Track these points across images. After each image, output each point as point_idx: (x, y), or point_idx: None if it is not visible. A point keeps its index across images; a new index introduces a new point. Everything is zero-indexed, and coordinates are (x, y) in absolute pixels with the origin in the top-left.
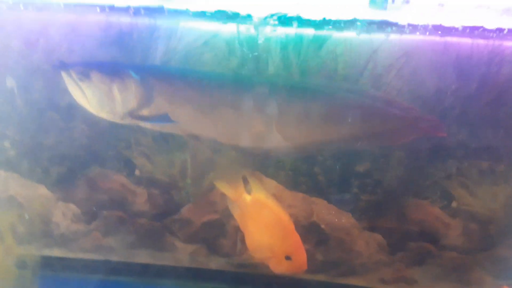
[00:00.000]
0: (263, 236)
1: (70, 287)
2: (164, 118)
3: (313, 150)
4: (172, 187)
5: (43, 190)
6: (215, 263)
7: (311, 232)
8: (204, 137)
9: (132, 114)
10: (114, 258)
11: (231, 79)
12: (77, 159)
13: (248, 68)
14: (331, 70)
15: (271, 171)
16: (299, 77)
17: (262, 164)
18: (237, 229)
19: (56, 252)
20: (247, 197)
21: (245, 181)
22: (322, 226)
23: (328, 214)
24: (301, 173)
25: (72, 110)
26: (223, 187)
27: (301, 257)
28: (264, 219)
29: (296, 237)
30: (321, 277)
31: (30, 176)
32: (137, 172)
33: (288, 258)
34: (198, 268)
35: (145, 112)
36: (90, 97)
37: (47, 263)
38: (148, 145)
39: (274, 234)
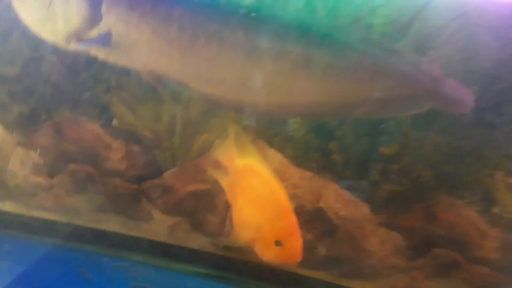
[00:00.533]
0: (251, 212)
1: (20, 248)
2: (105, 39)
3: (327, 112)
4: (155, 145)
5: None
6: (197, 241)
7: (315, 219)
8: (172, 80)
9: (78, 35)
10: (78, 221)
11: (238, 15)
12: (43, 98)
13: (264, 4)
14: (366, 24)
15: (277, 142)
16: (325, 26)
17: (267, 132)
18: (228, 206)
19: (9, 207)
20: (239, 162)
21: (241, 146)
22: (330, 214)
23: (338, 201)
24: (312, 148)
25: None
26: (216, 151)
27: (294, 245)
28: (254, 191)
29: (291, 220)
30: (320, 275)
31: None
32: (115, 123)
33: (278, 243)
34: (176, 245)
35: (93, 34)
36: (29, 12)
37: None
38: (132, 91)
39: (264, 211)
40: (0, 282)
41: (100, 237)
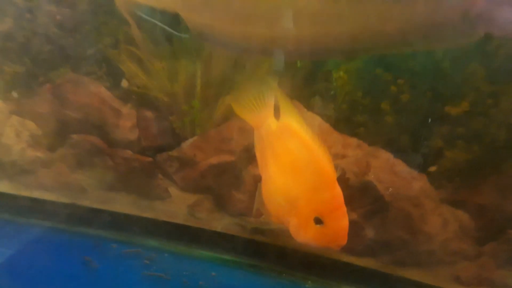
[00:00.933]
0: (285, 180)
1: (17, 233)
2: None
3: (363, 46)
4: (172, 110)
5: None
6: (221, 223)
7: (362, 196)
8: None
9: None
10: (83, 202)
11: None
12: (40, 56)
13: None
14: None
15: (316, 103)
16: None
17: (303, 90)
18: (258, 180)
19: (4, 187)
20: (273, 123)
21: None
22: (380, 189)
23: (391, 172)
24: (360, 109)
25: None
26: (243, 112)
27: (338, 223)
28: (290, 155)
29: (336, 192)
30: (367, 263)
31: None
32: (124, 84)
33: (319, 221)
34: (197, 228)
35: None
36: None
37: None
38: (143, 45)
39: (302, 179)
40: None
41: (108, 219)
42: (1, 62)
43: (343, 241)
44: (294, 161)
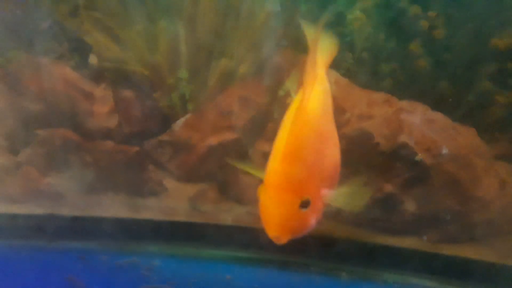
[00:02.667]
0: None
1: None
2: None
3: None
4: (155, 86)
5: None
6: (230, 214)
7: (397, 162)
8: None
9: None
10: (62, 210)
11: None
12: None
13: None
14: None
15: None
16: None
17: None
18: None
19: None
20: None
21: None
22: (418, 151)
23: (431, 129)
24: (384, 55)
25: None
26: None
27: (264, 206)
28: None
29: (278, 169)
30: (411, 243)
31: None
32: (92, 60)
33: (305, 204)
34: (204, 223)
35: None
36: None
37: None
38: (110, 8)
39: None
40: None
41: (94, 228)
42: None
43: (270, 230)
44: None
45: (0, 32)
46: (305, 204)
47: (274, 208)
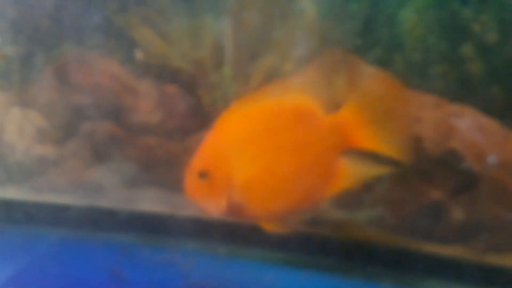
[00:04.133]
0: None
1: (28, 245)
2: None
3: None
4: (199, 82)
5: None
6: None
7: (445, 168)
8: None
9: None
10: (102, 203)
11: None
12: (38, 33)
13: None
14: None
15: (378, 54)
16: None
17: (361, 39)
18: None
19: (11, 192)
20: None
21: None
22: (468, 158)
23: (481, 135)
24: (436, 57)
25: None
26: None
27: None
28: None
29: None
30: (456, 251)
31: None
32: (138, 55)
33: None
34: (241, 224)
35: None
36: None
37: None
38: (158, 4)
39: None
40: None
41: (135, 221)
42: None
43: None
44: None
45: (52, 27)
46: (202, 175)
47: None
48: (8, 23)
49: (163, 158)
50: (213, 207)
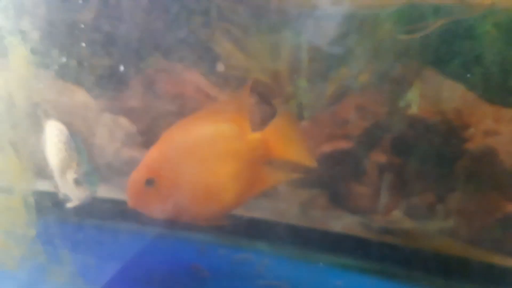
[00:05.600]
0: None
1: (120, 241)
2: None
3: None
4: (275, 93)
5: (80, 95)
6: (340, 222)
7: None
8: None
9: None
10: None
11: None
12: (128, 45)
13: None
14: None
15: (456, 68)
16: None
17: (439, 53)
18: (382, 169)
19: (100, 191)
20: None
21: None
22: None
23: None
24: None
25: None
26: None
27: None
28: None
29: None
30: None
31: (62, 73)
32: (220, 67)
33: (149, 182)
34: (312, 228)
35: None
36: None
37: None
38: (239, 20)
39: None
40: (101, 279)
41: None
42: (88, 55)
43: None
44: None
45: (142, 40)
46: (149, 182)
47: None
48: (103, 36)
49: None
50: (159, 211)
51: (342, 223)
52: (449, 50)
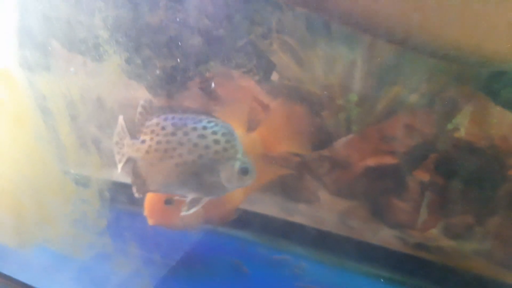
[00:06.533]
0: None
1: (166, 236)
2: None
3: None
4: (325, 105)
5: (141, 93)
6: (377, 235)
7: None
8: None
9: None
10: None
11: None
12: (190, 49)
13: None
14: None
15: (506, 95)
16: None
17: (489, 81)
18: (424, 187)
19: None
20: None
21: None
22: None
23: None
24: None
25: None
26: None
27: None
28: None
29: None
30: None
31: (127, 72)
32: (275, 77)
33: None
34: (349, 237)
35: None
36: None
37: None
38: (298, 33)
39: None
40: (146, 273)
41: (254, 221)
42: (152, 56)
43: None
44: None
45: (205, 46)
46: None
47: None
48: (167, 39)
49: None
50: (180, 224)
51: (379, 235)
52: (501, 78)
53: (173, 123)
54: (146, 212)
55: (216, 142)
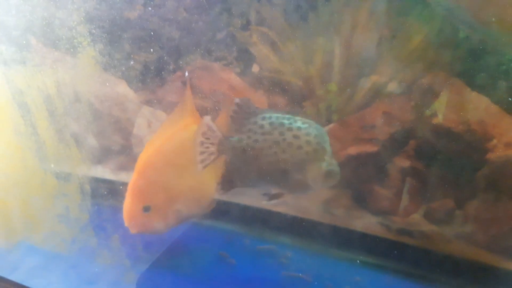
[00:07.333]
0: None
1: None
2: None
3: None
4: (305, 95)
5: (121, 88)
6: (360, 222)
7: None
8: None
9: None
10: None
11: None
12: (170, 43)
13: None
14: None
15: (482, 81)
16: None
17: (466, 66)
18: (405, 173)
19: None
20: None
21: None
22: None
23: None
24: None
25: None
26: None
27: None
28: None
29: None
30: None
31: (102, 63)
32: (255, 68)
33: (147, 209)
34: (333, 225)
35: None
36: None
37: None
38: (276, 24)
39: None
40: (130, 265)
41: (238, 213)
42: (132, 51)
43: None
44: None
45: (185, 39)
46: (146, 209)
47: (125, 207)
48: (147, 33)
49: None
50: (157, 229)
51: (363, 222)
52: (476, 64)
53: (270, 122)
54: (126, 223)
55: (308, 143)
